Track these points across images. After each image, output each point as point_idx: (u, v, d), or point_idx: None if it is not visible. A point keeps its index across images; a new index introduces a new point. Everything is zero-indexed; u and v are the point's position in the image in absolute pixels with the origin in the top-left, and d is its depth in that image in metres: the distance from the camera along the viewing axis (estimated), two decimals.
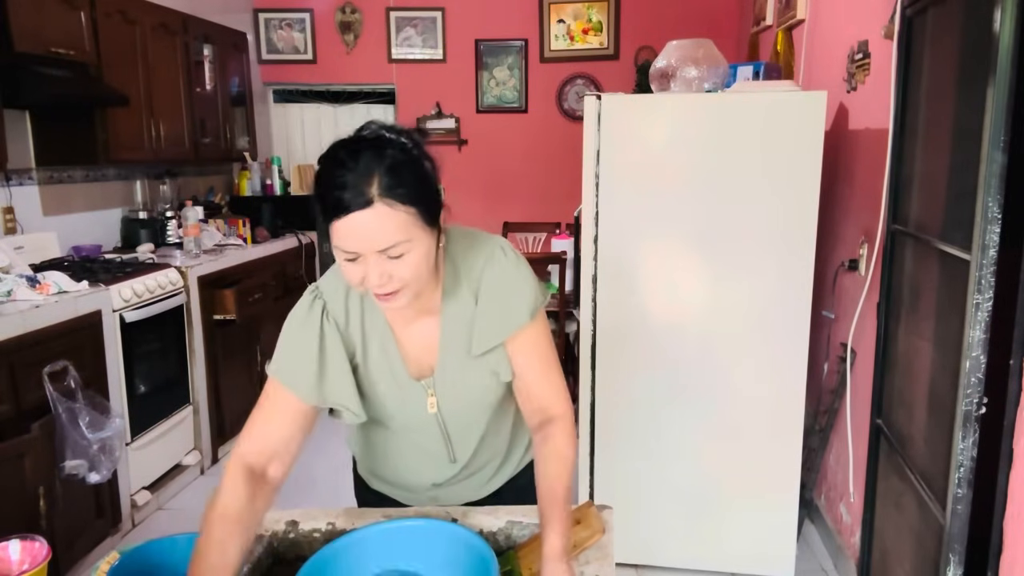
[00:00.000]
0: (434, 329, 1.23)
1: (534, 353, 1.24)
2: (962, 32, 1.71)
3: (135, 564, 1.13)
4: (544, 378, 1.25)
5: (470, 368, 1.23)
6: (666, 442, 2.56)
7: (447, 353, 1.23)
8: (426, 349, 1.23)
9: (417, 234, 1.06)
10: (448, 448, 1.31)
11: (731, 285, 2.44)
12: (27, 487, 2.35)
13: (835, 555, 2.66)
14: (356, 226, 1.02)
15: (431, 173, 1.10)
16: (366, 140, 1.06)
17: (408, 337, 1.23)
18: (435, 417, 1.26)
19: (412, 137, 1.09)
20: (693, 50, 2.49)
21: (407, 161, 1.05)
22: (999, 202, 1.47)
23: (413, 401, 1.24)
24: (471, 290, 1.21)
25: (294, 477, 1.23)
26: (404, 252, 1.05)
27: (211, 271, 3.55)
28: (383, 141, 1.06)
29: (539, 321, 1.24)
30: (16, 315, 2.40)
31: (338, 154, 1.05)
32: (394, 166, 1.03)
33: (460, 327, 1.22)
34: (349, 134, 1.09)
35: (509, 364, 1.24)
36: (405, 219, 1.03)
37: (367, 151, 1.04)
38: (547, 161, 5.18)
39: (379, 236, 1.03)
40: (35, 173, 3.26)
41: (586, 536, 1.21)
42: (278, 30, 5.19)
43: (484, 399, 1.28)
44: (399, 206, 1.02)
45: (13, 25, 2.72)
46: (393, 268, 1.05)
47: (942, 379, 1.73)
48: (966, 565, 1.63)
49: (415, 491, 1.39)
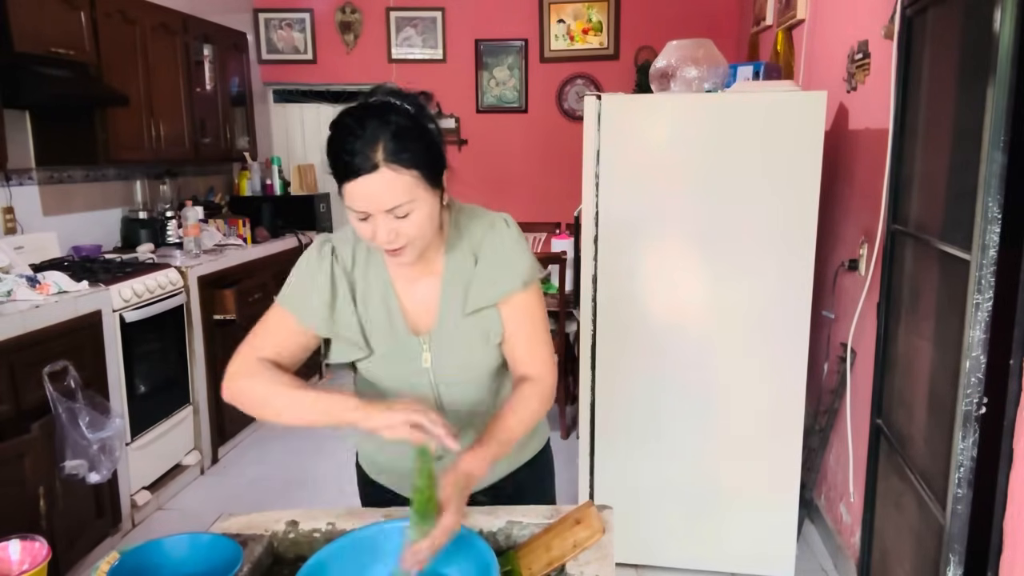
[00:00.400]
0: (435, 289, 1.29)
1: (525, 320, 1.30)
2: (962, 32, 1.71)
3: (135, 564, 1.13)
4: (530, 345, 1.32)
5: (464, 327, 1.29)
6: (666, 442, 2.56)
7: (446, 311, 1.29)
8: (426, 307, 1.30)
9: (421, 194, 1.14)
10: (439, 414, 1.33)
11: (731, 285, 2.44)
12: (27, 487, 2.35)
13: (835, 555, 2.66)
14: (364, 188, 1.10)
15: (435, 136, 1.18)
16: (373, 107, 1.13)
17: (410, 295, 1.30)
18: (428, 372, 1.30)
19: (417, 102, 1.16)
20: (693, 50, 2.49)
21: (411, 126, 1.12)
22: (999, 202, 1.47)
23: (408, 354, 1.29)
24: (472, 252, 1.29)
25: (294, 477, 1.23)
26: (410, 211, 1.13)
27: (211, 271, 3.55)
28: (388, 107, 1.13)
29: (532, 291, 1.31)
30: (16, 315, 2.40)
31: (346, 120, 1.12)
32: (398, 132, 1.10)
33: (458, 287, 1.28)
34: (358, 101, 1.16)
35: (500, 327, 1.29)
36: (409, 181, 1.11)
37: (373, 118, 1.11)
38: (547, 161, 5.19)
39: (385, 197, 1.11)
40: (35, 173, 3.26)
41: (586, 536, 1.20)
42: (278, 30, 5.19)
43: (477, 364, 1.32)
44: (403, 170, 1.10)
45: (13, 25, 2.73)
46: (400, 226, 1.14)
47: (942, 379, 1.73)
48: (966, 565, 1.63)
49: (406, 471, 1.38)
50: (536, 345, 1.32)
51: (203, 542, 1.18)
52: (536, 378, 1.31)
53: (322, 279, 1.27)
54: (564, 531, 1.21)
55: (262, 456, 3.72)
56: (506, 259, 1.28)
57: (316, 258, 1.29)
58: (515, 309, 1.29)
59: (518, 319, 1.30)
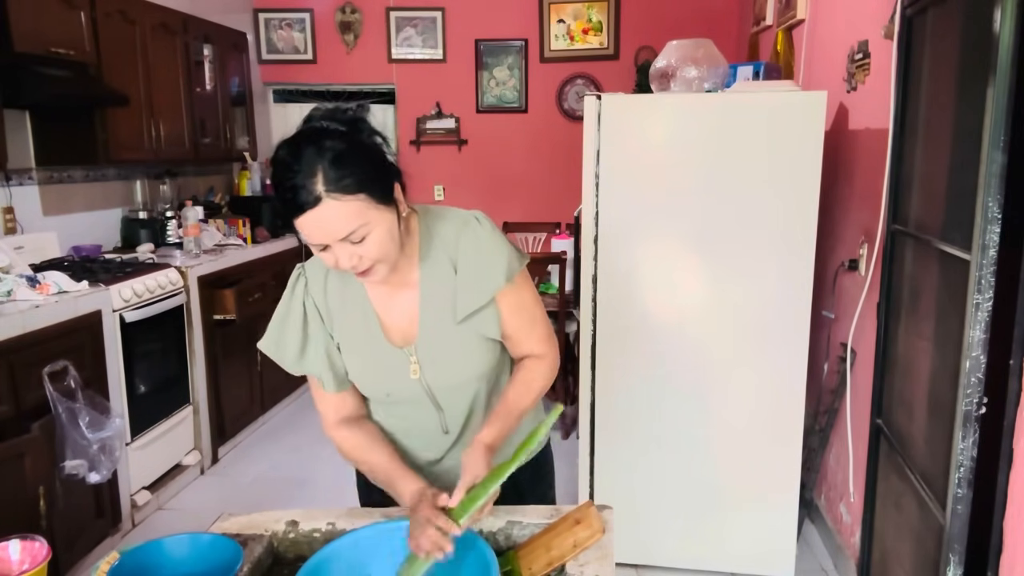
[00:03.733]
0: (414, 300, 1.28)
1: (518, 311, 1.31)
2: (962, 32, 1.71)
3: (135, 564, 1.13)
4: (530, 332, 1.33)
5: (455, 334, 1.27)
6: (666, 442, 2.56)
7: (427, 321, 1.27)
8: (407, 319, 1.29)
9: (372, 216, 1.10)
10: (440, 417, 1.34)
11: (731, 285, 2.44)
12: (27, 487, 2.35)
13: (835, 555, 2.66)
14: (312, 222, 1.08)
15: (377, 150, 1.13)
16: (304, 135, 1.10)
17: (389, 310, 1.29)
18: (419, 383, 1.30)
19: (352, 120, 1.12)
20: (693, 50, 2.49)
21: (347, 148, 1.08)
22: (999, 202, 1.47)
23: (396, 368, 1.29)
24: (449, 259, 1.26)
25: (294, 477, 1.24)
26: (365, 234, 1.10)
27: (211, 271, 3.55)
28: (321, 132, 1.09)
29: (520, 282, 1.30)
30: (16, 315, 2.40)
31: (281, 155, 1.09)
32: (335, 159, 1.06)
33: (440, 296, 1.27)
34: (294, 131, 1.13)
35: (497, 323, 1.29)
36: (356, 207, 1.08)
37: (308, 147, 1.07)
38: (547, 161, 5.18)
39: (335, 227, 1.08)
40: (35, 173, 3.26)
41: (586, 536, 1.20)
42: (278, 30, 5.19)
43: (472, 364, 1.31)
44: (347, 197, 1.07)
45: (13, 25, 2.73)
46: (360, 250, 1.11)
47: (942, 379, 1.73)
48: (966, 565, 1.63)
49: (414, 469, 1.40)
50: (533, 329, 1.34)
51: (203, 542, 1.18)
52: (539, 355, 1.34)
53: (294, 318, 1.29)
54: (564, 531, 1.21)
55: (262, 456, 3.72)
56: (486, 258, 1.25)
57: (288, 297, 1.30)
58: (509, 304, 1.29)
59: (511, 311, 1.30)
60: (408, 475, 1.24)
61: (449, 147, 5.25)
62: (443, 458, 1.39)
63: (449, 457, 1.39)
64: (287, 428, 4.07)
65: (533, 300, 1.34)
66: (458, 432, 1.36)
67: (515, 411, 1.27)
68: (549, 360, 1.35)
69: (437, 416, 1.34)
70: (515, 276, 1.28)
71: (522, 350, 1.35)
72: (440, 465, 1.39)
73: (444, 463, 1.39)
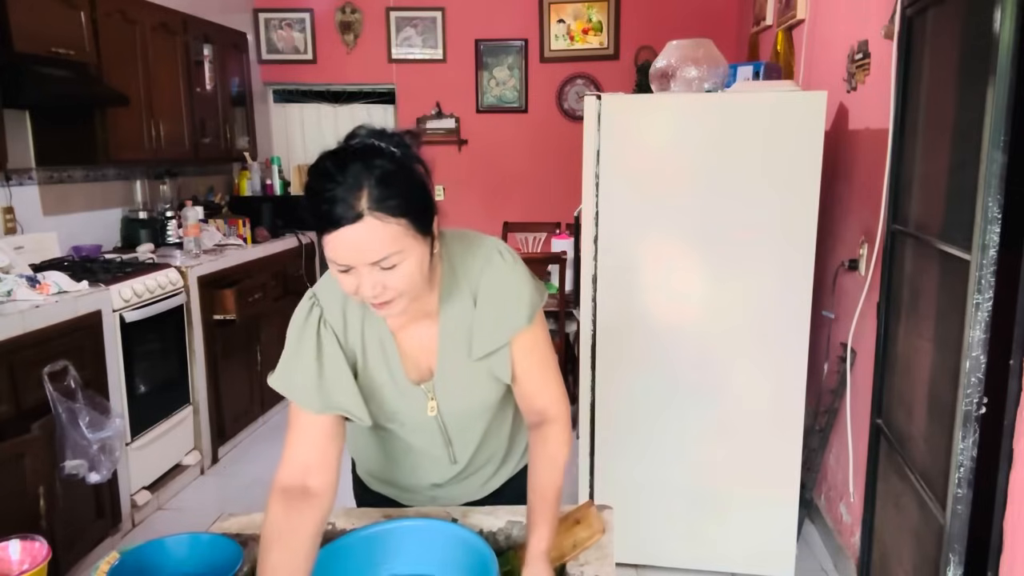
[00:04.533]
0: (432, 332, 1.22)
1: (533, 355, 1.23)
2: (962, 32, 1.71)
3: (135, 564, 1.13)
4: (542, 380, 1.25)
5: (470, 371, 1.22)
6: (666, 442, 2.56)
7: (446, 356, 1.22)
8: (425, 352, 1.23)
9: (409, 244, 1.03)
10: (448, 450, 1.31)
11: (731, 285, 2.44)
12: (27, 487, 2.35)
13: (835, 555, 2.66)
14: (347, 240, 1.00)
15: (423, 179, 1.07)
16: (355, 150, 1.03)
17: (406, 341, 1.22)
18: (435, 420, 1.26)
19: (402, 143, 1.06)
20: (693, 50, 2.49)
21: (397, 170, 1.03)
22: (999, 202, 1.47)
23: (413, 404, 1.24)
24: (470, 293, 1.20)
25: None
26: (397, 263, 1.03)
27: (211, 271, 3.55)
28: (372, 150, 1.03)
29: (538, 324, 1.24)
30: (16, 315, 2.40)
31: (325, 165, 1.02)
32: (384, 177, 1.00)
33: (459, 330, 1.21)
34: (338, 142, 1.07)
35: (509, 366, 1.23)
36: (396, 231, 1.01)
37: (356, 162, 1.01)
38: (547, 161, 5.18)
39: (370, 249, 1.01)
40: (35, 173, 3.26)
41: (586, 536, 1.21)
42: (278, 30, 5.19)
43: (484, 400, 1.27)
44: (389, 219, 1.00)
45: (13, 25, 2.72)
46: (386, 278, 1.04)
47: (942, 379, 1.73)
48: (966, 565, 1.63)
49: (414, 492, 1.39)
50: (547, 382, 1.26)
51: (203, 542, 1.18)
52: (553, 419, 1.25)
53: (307, 350, 1.17)
54: (564, 531, 1.21)
55: (262, 456, 3.72)
56: (507, 296, 1.19)
57: (300, 327, 1.19)
58: (522, 346, 1.22)
59: (526, 354, 1.23)
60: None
61: (449, 147, 5.25)
62: (446, 483, 1.37)
63: (454, 482, 1.37)
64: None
65: (548, 349, 1.27)
66: (465, 462, 1.34)
67: (551, 497, 1.19)
68: (564, 423, 1.26)
69: (446, 448, 1.31)
70: (535, 316, 1.22)
71: (532, 402, 1.26)
72: (442, 489, 1.38)
73: (446, 488, 1.38)
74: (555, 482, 1.20)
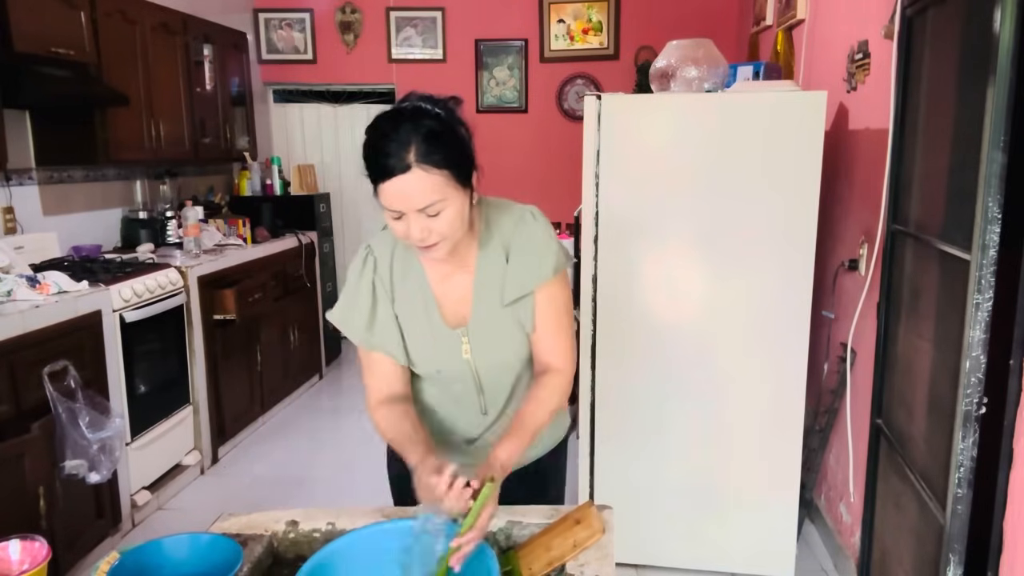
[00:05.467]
0: (468, 283, 1.37)
1: (551, 308, 1.38)
2: (962, 32, 1.71)
3: (135, 564, 1.13)
4: (556, 334, 1.39)
5: (501, 318, 1.36)
6: (666, 442, 2.56)
7: (480, 304, 1.36)
8: (461, 301, 1.37)
9: (451, 193, 1.20)
10: (480, 398, 1.42)
11: (731, 285, 2.44)
12: (27, 487, 2.35)
13: (835, 555, 2.66)
14: (397, 188, 1.17)
15: (464, 138, 1.24)
16: (406, 111, 1.20)
17: (445, 291, 1.38)
18: (468, 363, 1.38)
19: (447, 106, 1.23)
20: (693, 50, 2.49)
21: (441, 130, 1.19)
22: (999, 202, 1.47)
23: (449, 347, 1.37)
24: (503, 247, 1.36)
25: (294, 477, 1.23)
26: (441, 210, 1.19)
27: (211, 271, 3.55)
28: (420, 112, 1.20)
29: (561, 281, 1.39)
30: (16, 315, 2.40)
31: (381, 124, 1.20)
32: (429, 135, 1.16)
33: (492, 281, 1.36)
34: (394, 105, 1.24)
35: (531, 314, 1.36)
36: (440, 181, 1.17)
37: (407, 122, 1.17)
38: (547, 161, 5.18)
39: (418, 197, 1.17)
40: (35, 173, 3.26)
41: (586, 536, 1.20)
42: (278, 30, 5.19)
43: (513, 350, 1.39)
44: (434, 170, 1.16)
45: (13, 25, 2.73)
46: (432, 223, 1.20)
47: (942, 379, 1.73)
48: (966, 565, 1.63)
49: (449, 448, 1.46)
50: (560, 337, 1.39)
51: (203, 542, 1.18)
52: (558, 370, 1.38)
53: (363, 294, 1.37)
54: (564, 531, 1.21)
55: (262, 456, 3.72)
56: (536, 250, 1.35)
57: (358, 272, 1.38)
58: (543, 298, 1.36)
59: (546, 308, 1.37)
60: (427, 447, 1.26)
61: None
62: (479, 438, 1.46)
63: (484, 438, 1.45)
64: (287, 428, 4.06)
65: (567, 306, 1.40)
66: (496, 414, 1.44)
67: (529, 428, 1.31)
68: (565, 376, 1.40)
69: (478, 397, 1.42)
70: (559, 272, 1.37)
71: (542, 354, 1.39)
72: (476, 444, 1.46)
73: (479, 443, 1.46)
74: (537, 418, 1.33)
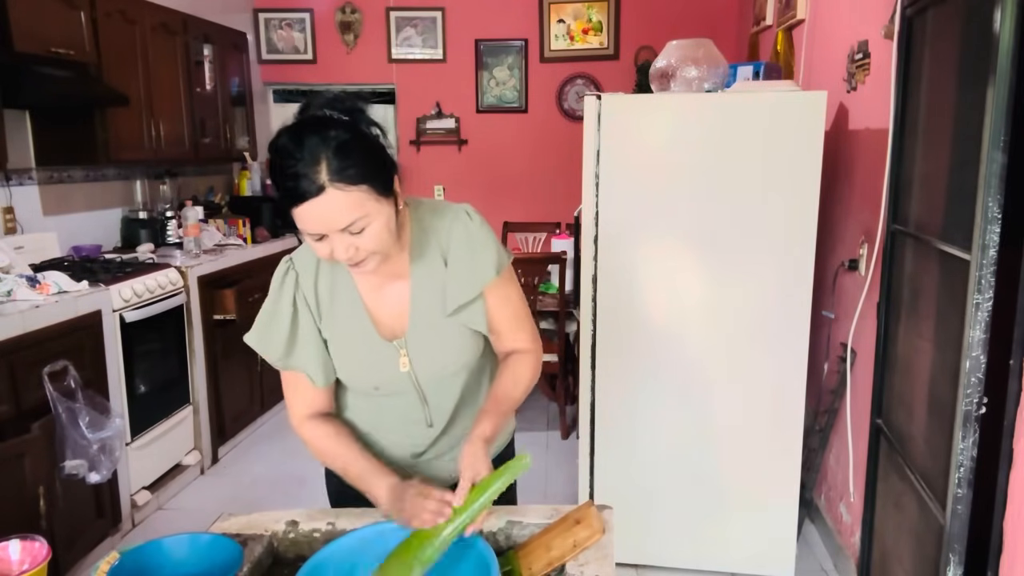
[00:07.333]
0: (404, 292, 1.28)
1: (507, 309, 1.33)
2: (962, 32, 1.71)
3: (135, 564, 1.13)
4: (517, 329, 1.36)
5: (444, 327, 1.29)
6: (666, 442, 2.56)
7: (418, 314, 1.28)
8: (398, 312, 1.29)
9: (373, 207, 1.10)
10: (425, 410, 1.35)
11: (731, 285, 2.44)
12: (27, 487, 2.35)
13: (835, 555, 2.66)
14: (313, 211, 1.07)
15: (377, 141, 1.13)
16: (309, 123, 1.09)
17: (379, 301, 1.29)
18: (408, 376, 1.30)
19: (354, 107, 1.12)
20: (693, 50, 2.48)
21: (351, 138, 1.08)
22: (999, 202, 1.47)
23: (386, 361, 1.29)
24: (440, 252, 1.27)
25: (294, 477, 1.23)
26: (364, 226, 1.10)
27: (211, 271, 3.55)
28: (325, 122, 1.08)
29: (508, 278, 1.33)
30: (16, 315, 2.40)
31: (283, 142, 1.08)
32: (340, 147, 1.06)
33: (431, 289, 1.27)
34: (294, 116, 1.12)
35: (483, 316, 1.30)
36: (358, 197, 1.07)
37: (311, 135, 1.06)
38: (547, 161, 5.18)
39: (336, 217, 1.07)
40: (35, 173, 3.26)
41: (586, 536, 1.20)
42: (278, 30, 5.19)
43: (459, 358, 1.33)
44: (351, 187, 1.06)
45: (13, 25, 2.72)
46: (357, 241, 1.11)
47: (942, 379, 1.73)
48: (966, 565, 1.63)
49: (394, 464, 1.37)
50: (519, 325, 1.36)
51: (203, 542, 1.18)
52: (523, 351, 1.36)
53: (283, 313, 1.28)
54: (564, 531, 1.21)
55: (262, 456, 3.72)
56: (476, 252, 1.27)
57: (278, 289, 1.29)
58: (498, 301, 1.31)
59: (498, 305, 1.32)
60: (384, 470, 1.25)
61: (449, 147, 5.25)
62: (425, 451, 1.40)
63: (432, 450, 1.40)
64: (287, 428, 4.03)
65: (518, 294, 1.37)
66: (443, 426, 1.37)
67: (505, 404, 1.29)
68: (534, 354, 1.38)
69: (423, 410, 1.34)
70: (503, 270, 1.30)
71: (507, 344, 1.37)
72: (422, 458, 1.40)
73: (426, 456, 1.40)
74: (511, 394, 1.30)
